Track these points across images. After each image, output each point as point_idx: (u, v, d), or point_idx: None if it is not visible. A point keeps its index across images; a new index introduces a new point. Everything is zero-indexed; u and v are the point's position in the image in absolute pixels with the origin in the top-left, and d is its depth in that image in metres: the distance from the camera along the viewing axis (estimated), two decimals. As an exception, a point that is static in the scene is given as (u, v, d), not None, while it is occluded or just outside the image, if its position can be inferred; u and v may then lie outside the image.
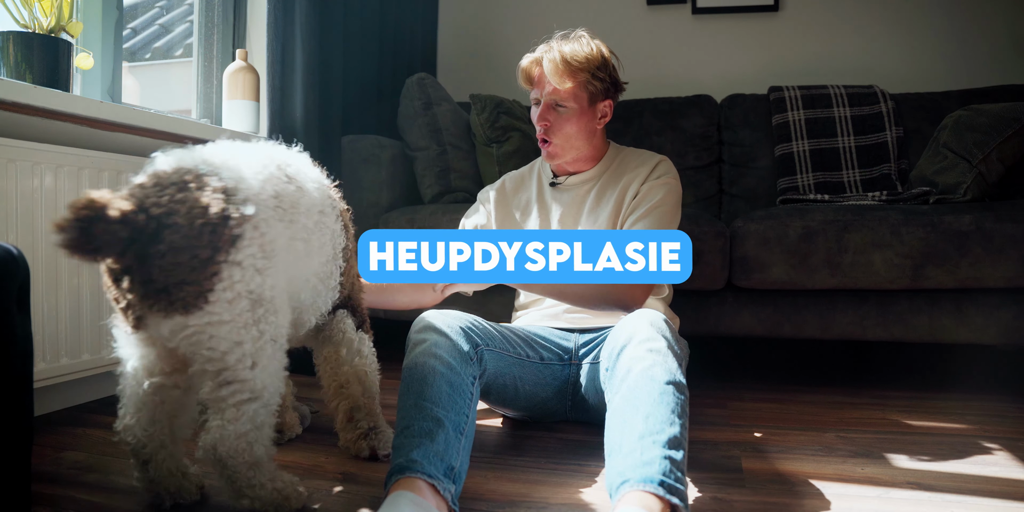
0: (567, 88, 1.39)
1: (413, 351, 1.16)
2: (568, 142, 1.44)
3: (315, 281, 1.14)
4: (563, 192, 1.54)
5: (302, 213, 1.05)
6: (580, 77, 1.39)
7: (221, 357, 0.93)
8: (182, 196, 0.87)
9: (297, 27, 1.97)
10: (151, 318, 0.91)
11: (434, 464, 0.95)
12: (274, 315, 0.98)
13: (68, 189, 1.43)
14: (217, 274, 0.89)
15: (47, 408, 1.51)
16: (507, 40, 2.90)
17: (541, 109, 1.42)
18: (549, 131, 1.43)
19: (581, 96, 1.41)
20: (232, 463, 0.95)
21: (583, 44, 1.41)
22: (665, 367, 1.03)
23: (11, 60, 1.39)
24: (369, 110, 2.40)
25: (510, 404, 1.44)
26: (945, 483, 1.16)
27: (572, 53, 1.39)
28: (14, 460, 0.88)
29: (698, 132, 2.47)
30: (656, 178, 1.46)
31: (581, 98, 1.41)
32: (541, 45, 1.45)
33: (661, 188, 1.44)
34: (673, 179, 1.47)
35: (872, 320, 1.79)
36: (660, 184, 1.45)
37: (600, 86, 1.42)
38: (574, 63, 1.38)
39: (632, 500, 0.85)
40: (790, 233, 1.78)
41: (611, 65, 1.44)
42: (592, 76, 1.40)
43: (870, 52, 2.66)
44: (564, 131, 1.43)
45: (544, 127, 1.43)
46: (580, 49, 1.40)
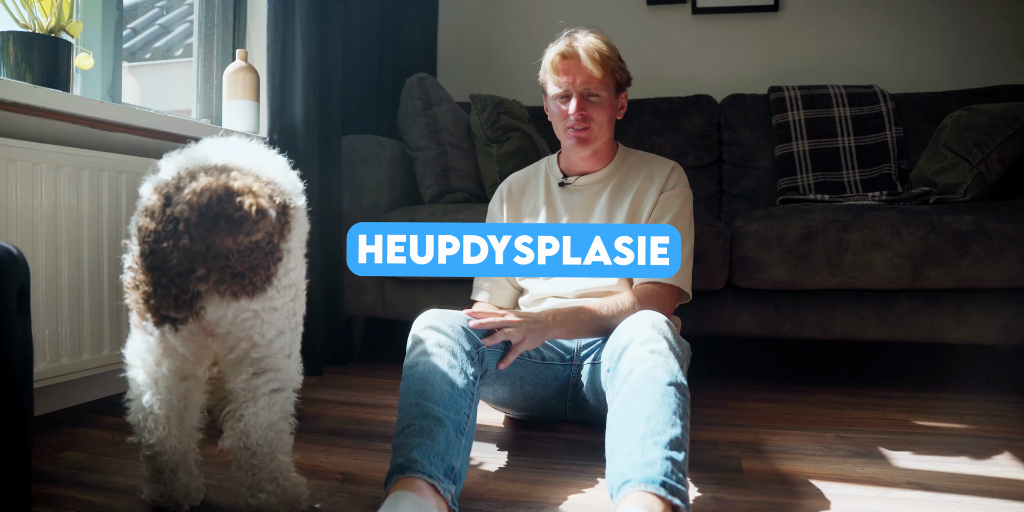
0: (600, 77, 1.42)
1: (414, 350, 1.16)
2: (601, 130, 1.47)
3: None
4: (573, 193, 1.54)
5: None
6: (610, 65, 1.44)
7: (267, 344, 0.96)
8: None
9: (297, 27, 1.97)
10: (214, 304, 0.92)
11: (434, 464, 0.95)
12: (302, 307, 1.01)
13: (68, 189, 1.43)
14: (281, 259, 0.94)
15: (47, 408, 1.51)
16: (507, 40, 2.90)
17: (577, 99, 1.43)
18: (586, 118, 1.45)
19: (611, 85, 1.46)
20: (261, 452, 0.97)
21: (601, 37, 1.45)
22: (667, 368, 1.03)
23: (11, 60, 1.39)
24: (369, 110, 2.40)
25: (511, 404, 1.44)
26: (945, 483, 1.16)
27: (600, 44, 1.43)
28: (14, 460, 0.88)
29: (698, 132, 2.47)
30: (672, 188, 1.49)
31: (611, 87, 1.46)
32: (562, 39, 1.46)
33: (678, 199, 1.48)
34: (687, 188, 1.51)
35: (872, 320, 1.79)
36: (677, 195, 1.48)
37: (624, 76, 1.48)
38: (607, 52, 1.43)
39: (633, 500, 0.85)
40: (790, 233, 1.78)
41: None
42: (618, 66, 1.46)
43: (870, 52, 2.66)
44: (598, 120, 1.45)
45: (582, 115, 1.44)
46: (602, 41, 1.44)
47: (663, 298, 1.39)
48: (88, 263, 1.47)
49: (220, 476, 1.16)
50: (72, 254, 1.44)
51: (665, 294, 1.39)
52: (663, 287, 1.40)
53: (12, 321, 0.87)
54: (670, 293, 1.41)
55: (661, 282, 1.40)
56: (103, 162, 1.50)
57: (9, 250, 0.88)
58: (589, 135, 1.46)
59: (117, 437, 1.36)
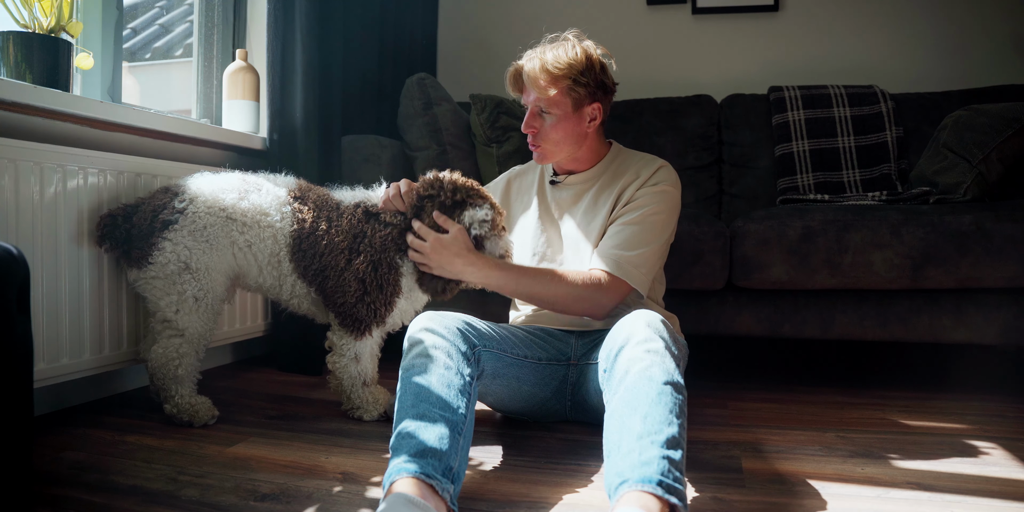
0: (550, 96, 1.39)
1: (410, 352, 1.17)
2: (557, 146, 1.45)
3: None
4: (561, 191, 1.54)
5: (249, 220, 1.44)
6: (562, 84, 1.38)
7: (155, 302, 1.43)
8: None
9: (297, 27, 1.97)
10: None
11: (432, 464, 0.95)
12: (197, 280, 1.42)
13: (68, 189, 1.43)
14: (155, 244, 1.39)
15: (47, 408, 1.51)
16: (507, 40, 2.90)
17: (527, 116, 1.44)
18: (537, 137, 1.44)
19: (565, 102, 1.40)
20: (159, 376, 1.43)
21: (567, 49, 1.40)
22: (663, 367, 1.03)
23: (11, 60, 1.39)
24: (369, 110, 2.40)
25: (509, 404, 1.44)
26: (945, 483, 1.16)
27: (555, 60, 1.38)
28: (14, 460, 0.88)
29: (698, 132, 2.47)
30: (654, 184, 1.43)
31: (565, 104, 1.41)
32: (527, 51, 1.46)
33: (657, 195, 1.42)
34: (671, 187, 1.44)
35: (872, 320, 1.79)
36: (657, 191, 1.42)
37: (584, 91, 1.40)
38: (555, 70, 1.37)
39: (631, 500, 0.85)
40: (790, 233, 1.78)
41: (597, 68, 1.42)
42: (575, 82, 1.38)
43: (870, 52, 2.66)
44: (551, 137, 1.43)
45: (532, 134, 1.44)
46: (563, 55, 1.38)
47: (606, 290, 1.33)
48: (88, 263, 1.47)
49: (220, 476, 1.16)
50: (72, 254, 1.44)
51: (611, 287, 1.34)
52: (612, 278, 1.34)
53: (12, 321, 0.87)
54: (617, 287, 1.35)
55: (609, 272, 1.34)
56: (103, 162, 1.50)
57: (9, 250, 0.88)
58: (542, 152, 1.46)
59: (117, 437, 1.36)
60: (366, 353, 1.49)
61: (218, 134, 1.91)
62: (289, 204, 1.45)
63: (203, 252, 1.41)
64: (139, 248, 1.39)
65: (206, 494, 1.09)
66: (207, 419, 1.45)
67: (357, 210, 1.46)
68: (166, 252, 1.39)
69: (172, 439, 1.36)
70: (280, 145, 1.99)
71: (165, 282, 1.40)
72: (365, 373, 1.50)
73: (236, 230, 1.43)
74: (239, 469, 1.20)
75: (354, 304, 1.43)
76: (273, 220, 1.44)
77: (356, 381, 1.50)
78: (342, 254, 1.42)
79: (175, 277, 1.40)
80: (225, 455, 1.27)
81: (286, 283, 1.48)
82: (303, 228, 1.44)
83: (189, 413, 1.43)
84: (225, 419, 1.50)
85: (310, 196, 1.48)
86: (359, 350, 1.48)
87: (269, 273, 1.47)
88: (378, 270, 1.41)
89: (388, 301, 1.44)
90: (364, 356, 1.49)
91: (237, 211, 1.43)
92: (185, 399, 1.44)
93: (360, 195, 1.50)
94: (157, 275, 1.40)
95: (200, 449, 1.30)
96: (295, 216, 1.45)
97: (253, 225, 1.43)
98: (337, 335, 1.48)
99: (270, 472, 1.19)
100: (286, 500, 1.07)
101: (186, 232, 1.39)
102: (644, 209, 1.40)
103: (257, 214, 1.44)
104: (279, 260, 1.46)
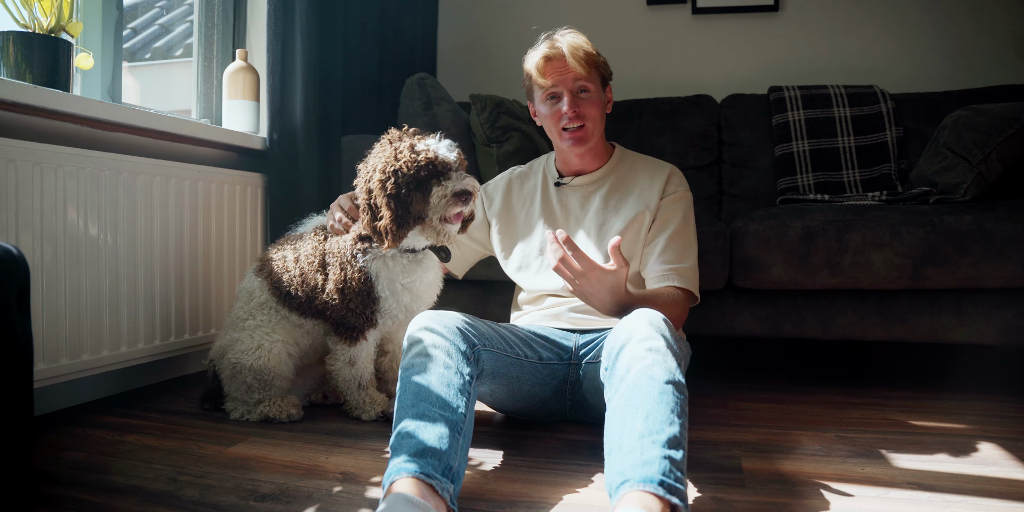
0: (588, 73, 1.45)
1: (410, 351, 1.16)
2: (596, 125, 1.48)
3: None
4: (567, 193, 1.54)
5: None
6: (594, 61, 1.46)
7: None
8: None
9: (297, 27, 1.97)
10: None
11: (432, 464, 0.95)
12: None
13: (68, 189, 1.43)
14: None
15: (47, 408, 1.51)
16: (507, 40, 2.90)
17: (569, 97, 1.45)
18: (580, 115, 1.45)
19: (597, 80, 1.49)
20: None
21: (579, 36, 1.48)
22: (664, 366, 1.03)
23: (11, 60, 1.39)
24: (369, 110, 2.40)
25: (509, 404, 1.44)
26: (945, 483, 1.16)
27: (582, 41, 1.46)
28: (14, 460, 0.88)
29: (698, 132, 2.47)
30: (672, 193, 1.50)
31: (598, 82, 1.49)
32: (542, 42, 1.48)
33: (679, 204, 1.49)
34: (687, 192, 1.53)
35: (872, 320, 1.79)
36: (677, 199, 1.50)
37: (607, 71, 1.52)
38: (590, 48, 1.46)
39: (632, 500, 0.85)
40: (790, 233, 1.78)
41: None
42: (601, 61, 1.49)
43: (870, 52, 2.66)
44: (591, 114, 1.47)
45: (576, 112, 1.45)
46: (581, 39, 1.47)
47: (684, 303, 1.41)
48: (88, 262, 1.47)
49: (220, 476, 1.16)
50: (72, 254, 1.44)
51: (685, 299, 1.41)
52: (684, 292, 1.41)
53: (12, 321, 0.87)
54: (690, 298, 1.43)
55: (682, 287, 1.41)
56: (103, 162, 1.50)
57: (9, 250, 0.88)
58: (584, 133, 1.46)
59: (117, 437, 1.36)
60: (361, 357, 1.51)
61: (218, 134, 1.91)
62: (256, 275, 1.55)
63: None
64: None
65: (206, 494, 1.09)
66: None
67: (319, 231, 1.53)
68: None
69: (172, 439, 1.36)
70: (280, 145, 1.99)
71: None
72: (361, 376, 1.52)
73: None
74: (239, 469, 1.20)
75: (344, 314, 1.47)
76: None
77: (351, 384, 1.52)
78: (318, 272, 1.47)
79: None
80: (225, 455, 1.27)
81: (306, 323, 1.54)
82: (272, 272, 1.52)
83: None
84: (225, 419, 1.50)
85: (269, 252, 1.57)
86: (354, 354, 1.50)
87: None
88: (346, 271, 1.44)
89: (369, 301, 1.45)
90: (359, 360, 1.51)
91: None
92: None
93: (319, 220, 1.58)
94: None
95: (200, 449, 1.30)
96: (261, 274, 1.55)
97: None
98: (332, 340, 1.51)
99: (270, 472, 1.19)
100: (286, 500, 1.07)
101: None
102: (674, 225, 1.47)
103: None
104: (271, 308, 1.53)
